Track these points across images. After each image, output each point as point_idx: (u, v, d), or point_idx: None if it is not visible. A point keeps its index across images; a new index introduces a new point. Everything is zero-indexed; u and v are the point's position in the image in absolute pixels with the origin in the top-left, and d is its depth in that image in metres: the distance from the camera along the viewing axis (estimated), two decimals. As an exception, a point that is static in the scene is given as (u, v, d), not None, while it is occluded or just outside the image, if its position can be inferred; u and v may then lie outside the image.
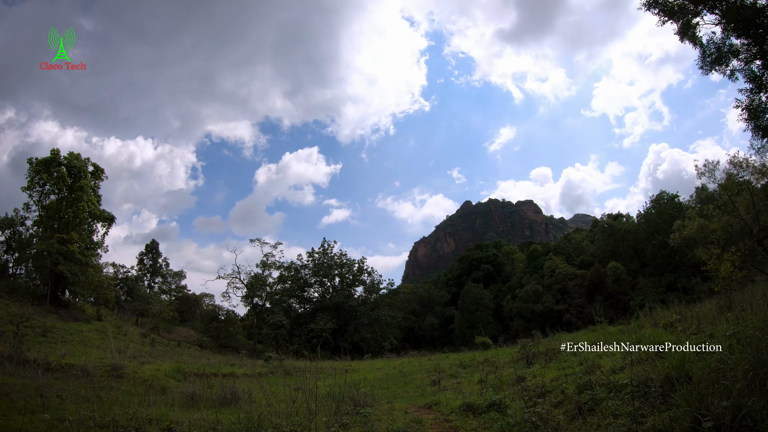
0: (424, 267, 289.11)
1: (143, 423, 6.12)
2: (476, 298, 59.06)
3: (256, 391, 9.89)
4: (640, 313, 15.58)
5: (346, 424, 6.70)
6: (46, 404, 7.34)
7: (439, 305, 68.87)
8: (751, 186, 22.93)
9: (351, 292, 55.08)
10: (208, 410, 7.60)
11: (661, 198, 50.94)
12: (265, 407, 7.18)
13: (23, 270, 39.28)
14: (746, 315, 7.75)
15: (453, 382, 12.19)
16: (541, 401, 6.59)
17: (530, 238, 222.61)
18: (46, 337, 23.85)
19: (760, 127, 15.16)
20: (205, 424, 6.23)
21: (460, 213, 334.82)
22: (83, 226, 37.25)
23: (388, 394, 11.38)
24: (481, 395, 8.66)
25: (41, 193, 35.68)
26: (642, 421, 4.71)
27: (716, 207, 25.77)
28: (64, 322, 29.54)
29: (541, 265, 58.92)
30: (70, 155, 36.47)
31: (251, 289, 50.43)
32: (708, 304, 14.20)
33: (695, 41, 15.56)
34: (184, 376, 14.78)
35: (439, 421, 7.52)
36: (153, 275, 54.50)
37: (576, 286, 51.34)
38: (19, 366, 11.93)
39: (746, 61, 14.84)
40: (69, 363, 14.21)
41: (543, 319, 49.76)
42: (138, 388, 11.33)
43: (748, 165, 23.14)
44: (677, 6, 15.23)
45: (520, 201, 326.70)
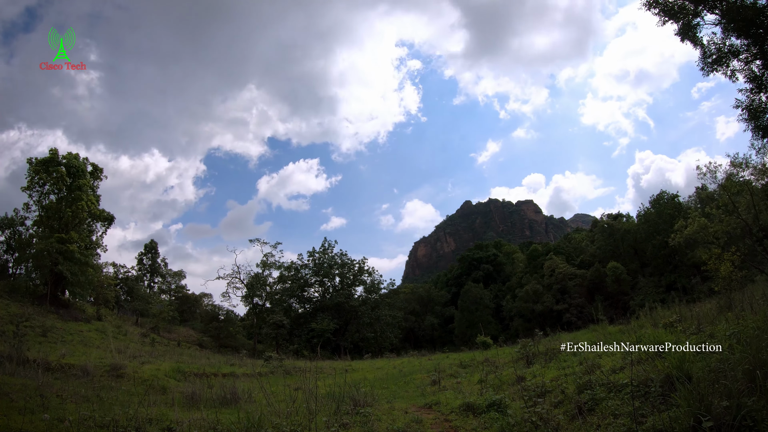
0: (424, 267, 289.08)
1: (143, 423, 6.12)
2: (476, 297, 59.05)
3: (256, 391, 9.89)
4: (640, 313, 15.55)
5: (346, 424, 6.70)
6: (46, 404, 7.34)
7: (439, 305, 68.86)
8: (751, 186, 22.92)
9: (351, 291, 55.04)
10: (208, 410, 7.59)
11: (661, 198, 50.91)
12: (265, 407, 7.18)
13: (23, 270, 39.29)
14: (746, 315, 7.75)
15: (453, 382, 12.19)
16: (541, 401, 6.59)
17: (530, 237, 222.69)
18: (46, 337, 23.84)
19: (760, 127, 15.14)
20: (205, 424, 6.23)
21: (460, 213, 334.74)
22: (83, 226, 37.25)
23: (388, 394, 11.38)
24: (481, 395, 8.66)
25: (41, 193, 35.66)
26: (642, 421, 4.70)
27: (717, 207, 25.77)
28: (64, 321, 29.53)
29: (541, 265, 58.90)
30: (69, 155, 36.48)
31: (251, 289, 50.42)
32: (708, 304, 14.19)
33: (695, 42, 15.53)
34: (184, 376, 14.78)
35: (439, 421, 7.52)
36: (153, 275, 54.51)
37: (576, 286, 51.34)
38: (19, 366, 11.90)
39: (746, 61, 14.81)
40: (69, 363, 14.19)
41: (543, 318, 49.74)
42: (138, 388, 11.33)
43: (747, 165, 23.13)
44: (677, 6, 15.21)
45: (520, 201, 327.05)
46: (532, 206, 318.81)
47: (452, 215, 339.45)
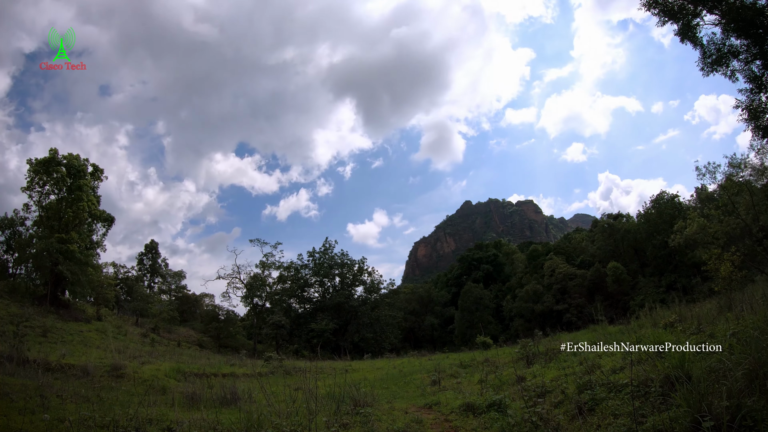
0: (424, 267, 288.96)
1: (143, 423, 6.12)
2: (476, 298, 59.03)
3: (256, 391, 9.89)
4: (640, 313, 15.54)
5: (347, 424, 6.70)
6: (46, 404, 7.34)
7: (439, 305, 68.85)
8: (750, 186, 22.94)
9: (351, 292, 55.06)
10: (208, 410, 7.60)
11: (661, 198, 50.90)
12: (265, 407, 7.18)
13: (23, 270, 39.27)
14: (746, 315, 7.75)
15: (453, 382, 12.19)
16: (541, 401, 6.59)
17: (530, 238, 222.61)
18: (46, 337, 23.83)
19: (760, 127, 15.16)
20: (205, 424, 6.23)
21: (460, 213, 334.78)
22: (83, 226, 37.25)
23: (388, 394, 11.38)
24: (481, 395, 8.66)
25: (41, 194, 35.65)
26: (642, 421, 4.70)
27: (716, 207, 25.79)
28: (64, 322, 29.52)
29: (541, 265, 58.86)
30: (69, 155, 36.42)
31: (251, 289, 50.43)
32: (708, 304, 14.19)
33: (695, 42, 15.54)
34: (184, 376, 14.78)
35: (439, 421, 7.52)
36: (153, 275, 54.53)
37: (576, 286, 51.31)
38: (19, 366, 11.92)
39: (746, 61, 14.83)
40: (69, 363, 14.20)
41: (543, 319, 49.72)
42: (138, 388, 11.33)
43: (747, 165, 23.17)
44: (677, 6, 15.21)
45: (520, 201, 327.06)
46: (532, 206, 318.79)
47: (452, 215, 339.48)
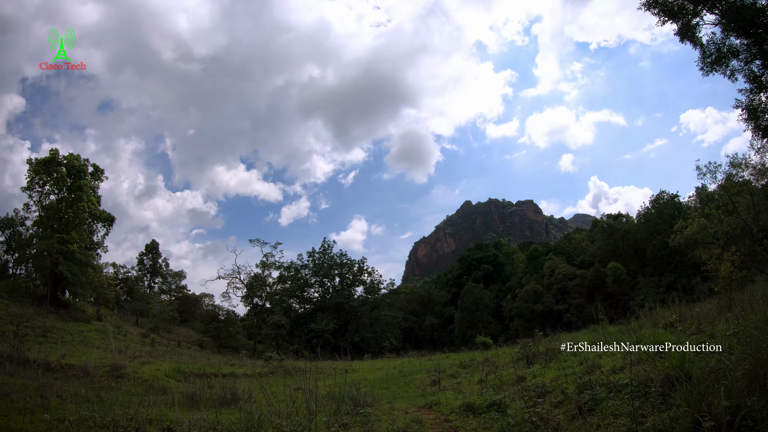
0: (424, 267, 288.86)
1: (143, 423, 6.11)
2: (476, 298, 59.04)
3: (257, 391, 9.88)
4: (640, 313, 15.53)
5: (347, 424, 6.70)
6: (47, 404, 7.35)
7: (439, 305, 68.85)
8: (751, 186, 22.93)
9: (351, 292, 55.09)
10: (209, 410, 7.59)
11: (660, 198, 50.90)
12: (266, 407, 7.17)
13: (23, 270, 39.37)
14: (746, 315, 7.75)
15: (453, 382, 12.20)
16: (542, 401, 6.59)
17: (530, 238, 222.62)
18: (46, 338, 23.84)
19: (760, 127, 15.15)
20: (206, 424, 6.22)
21: (460, 213, 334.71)
22: (83, 227, 37.25)
23: (388, 394, 11.37)
24: (481, 395, 8.66)
25: (41, 194, 35.67)
26: (642, 421, 4.70)
27: (716, 207, 25.78)
28: (64, 322, 29.52)
29: (541, 265, 58.88)
30: (70, 156, 36.43)
31: (251, 289, 50.44)
32: (708, 304, 14.19)
33: (695, 42, 15.53)
34: (184, 376, 14.77)
35: (440, 421, 7.52)
36: (153, 275, 54.54)
37: (576, 286, 51.32)
38: (19, 366, 11.91)
39: (746, 61, 14.81)
40: (69, 363, 14.19)
41: (543, 319, 49.72)
42: (138, 389, 11.33)
43: (747, 165, 23.16)
44: (677, 6, 15.20)
45: (520, 201, 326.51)
46: (532, 206, 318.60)
47: (452, 215, 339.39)
